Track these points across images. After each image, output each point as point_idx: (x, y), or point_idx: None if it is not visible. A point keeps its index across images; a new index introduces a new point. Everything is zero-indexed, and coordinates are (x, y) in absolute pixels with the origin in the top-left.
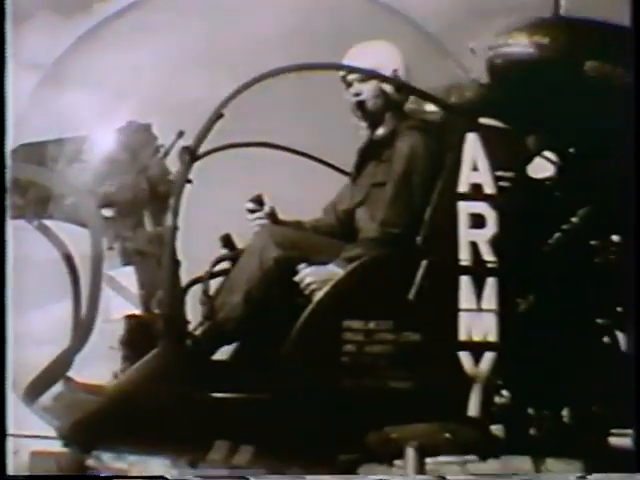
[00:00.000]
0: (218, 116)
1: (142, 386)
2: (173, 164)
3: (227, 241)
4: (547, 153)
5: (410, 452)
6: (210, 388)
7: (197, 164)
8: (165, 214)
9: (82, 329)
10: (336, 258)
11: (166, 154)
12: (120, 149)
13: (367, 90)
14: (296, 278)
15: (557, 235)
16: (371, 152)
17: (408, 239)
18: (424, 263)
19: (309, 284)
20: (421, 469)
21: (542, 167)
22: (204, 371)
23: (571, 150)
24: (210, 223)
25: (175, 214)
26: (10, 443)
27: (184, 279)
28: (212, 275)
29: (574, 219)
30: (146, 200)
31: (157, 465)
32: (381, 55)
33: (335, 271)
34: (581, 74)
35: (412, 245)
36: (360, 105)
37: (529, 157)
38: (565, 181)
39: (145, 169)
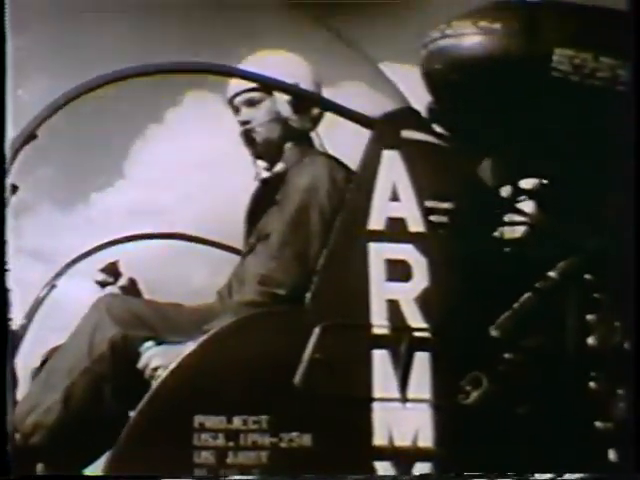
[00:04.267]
0: (30, 137)
1: None
2: None
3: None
4: (520, 197)
5: None
6: None
7: None
8: None
9: None
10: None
11: None
12: None
13: (260, 115)
14: (139, 364)
15: (526, 295)
16: (264, 199)
17: (297, 299)
18: (317, 330)
19: (155, 369)
20: None
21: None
22: None
23: (544, 180)
24: None
25: None
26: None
27: None
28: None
29: (552, 273)
30: None
31: None
32: (283, 67)
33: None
34: (548, 68)
35: (300, 305)
36: (248, 136)
37: (480, 187)
38: (537, 219)
39: None
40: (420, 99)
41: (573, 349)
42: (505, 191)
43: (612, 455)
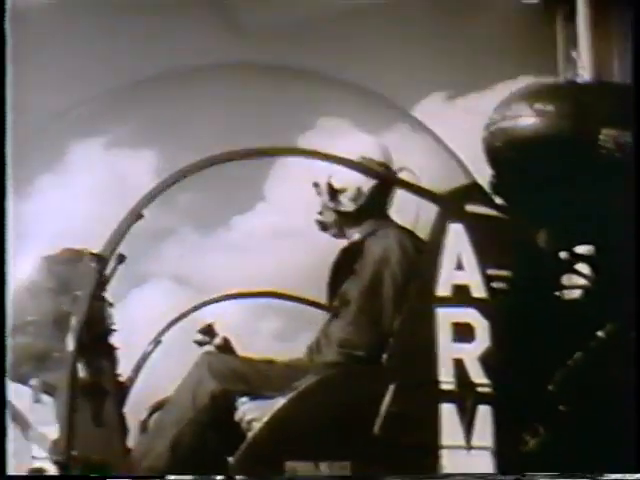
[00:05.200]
0: (137, 216)
1: None
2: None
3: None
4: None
5: None
6: None
7: None
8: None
9: None
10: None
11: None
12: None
13: (343, 199)
14: (236, 416)
15: (579, 353)
16: (344, 266)
17: (374, 359)
18: (392, 387)
19: (250, 422)
20: None
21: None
22: None
23: (591, 248)
24: None
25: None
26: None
27: None
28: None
29: (600, 333)
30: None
31: None
32: (359, 146)
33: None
34: (595, 146)
35: (377, 364)
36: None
37: (538, 255)
38: (589, 285)
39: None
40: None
41: (618, 402)
42: (562, 256)
43: None
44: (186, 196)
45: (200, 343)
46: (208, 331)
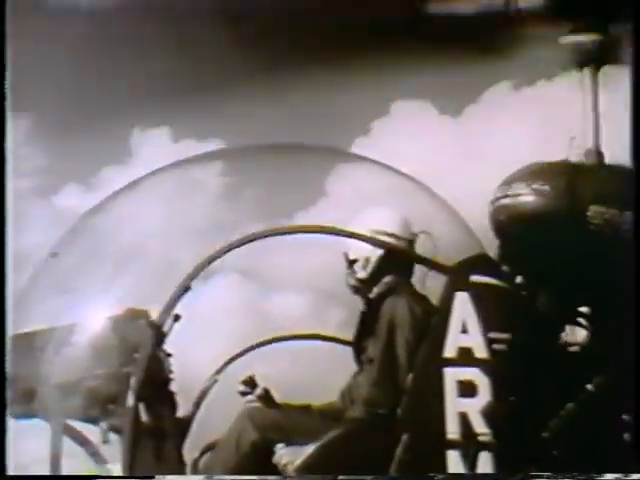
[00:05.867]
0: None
1: None
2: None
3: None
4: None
5: None
6: None
7: None
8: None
9: None
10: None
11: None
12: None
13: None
14: (274, 459)
15: (570, 405)
16: (366, 324)
17: (392, 415)
18: (405, 437)
19: (285, 465)
20: None
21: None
22: None
23: (586, 309)
24: None
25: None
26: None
27: None
28: None
29: (589, 386)
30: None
31: None
32: (385, 223)
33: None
34: (585, 222)
35: (393, 418)
36: (360, 282)
37: (536, 318)
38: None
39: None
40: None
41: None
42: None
43: None
44: None
45: (243, 393)
46: (249, 382)
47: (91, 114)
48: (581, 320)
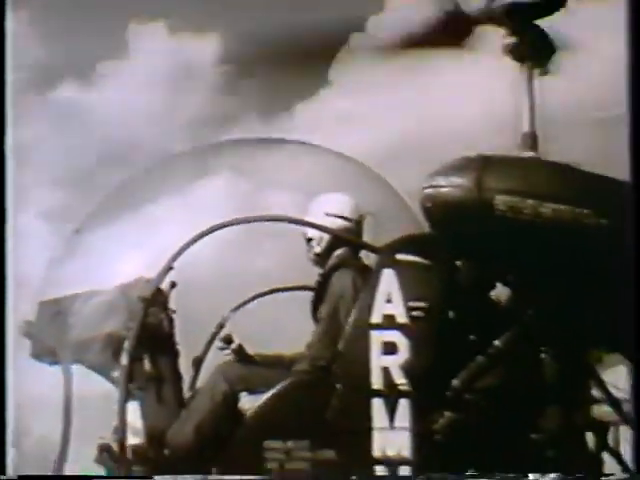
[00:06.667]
0: (169, 269)
1: None
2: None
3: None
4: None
5: None
6: None
7: None
8: (162, 356)
9: None
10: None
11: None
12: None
13: (314, 243)
14: (238, 406)
15: (479, 357)
16: (320, 291)
17: (329, 368)
18: (339, 386)
19: (246, 410)
20: None
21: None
22: None
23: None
24: None
25: None
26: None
27: None
28: None
29: (497, 342)
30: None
31: None
32: (338, 206)
33: None
34: (492, 209)
35: (329, 371)
36: (317, 255)
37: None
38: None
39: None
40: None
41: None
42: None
43: None
44: None
45: (221, 349)
46: (227, 340)
47: (88, 7)
48: (493, 287)
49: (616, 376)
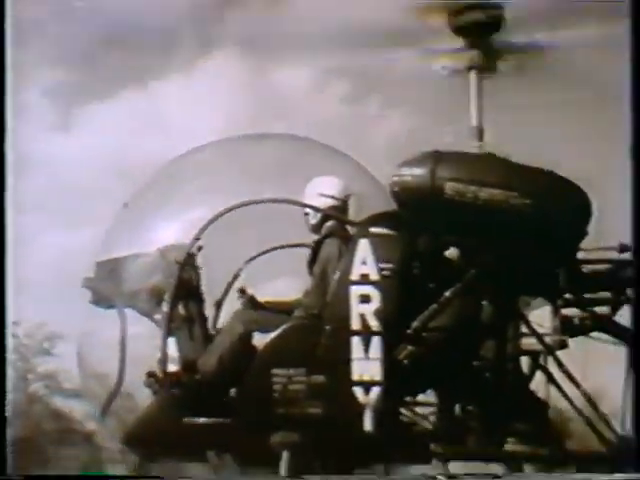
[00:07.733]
0: (196, 239)
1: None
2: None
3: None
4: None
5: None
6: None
7: None
8: (192, 303)
9: None
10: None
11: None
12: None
13: (310, 215)
14: (252, 342)
15: (433, 305)
16: (314, 253)
17: (319, 314)
18: (327, 328)
19: (259, 346)
20: None
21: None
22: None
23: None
24: None
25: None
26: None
27: None
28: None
29: (447, 293)
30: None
31: None
32: (329, 187)
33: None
34: (443, 193)
35: (319, 317)
36: (313, 225)
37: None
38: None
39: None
40: None
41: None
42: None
43: None
44: None
45: (239, 298)
46: (242, 291)
47: None
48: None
49: (542, 315)
